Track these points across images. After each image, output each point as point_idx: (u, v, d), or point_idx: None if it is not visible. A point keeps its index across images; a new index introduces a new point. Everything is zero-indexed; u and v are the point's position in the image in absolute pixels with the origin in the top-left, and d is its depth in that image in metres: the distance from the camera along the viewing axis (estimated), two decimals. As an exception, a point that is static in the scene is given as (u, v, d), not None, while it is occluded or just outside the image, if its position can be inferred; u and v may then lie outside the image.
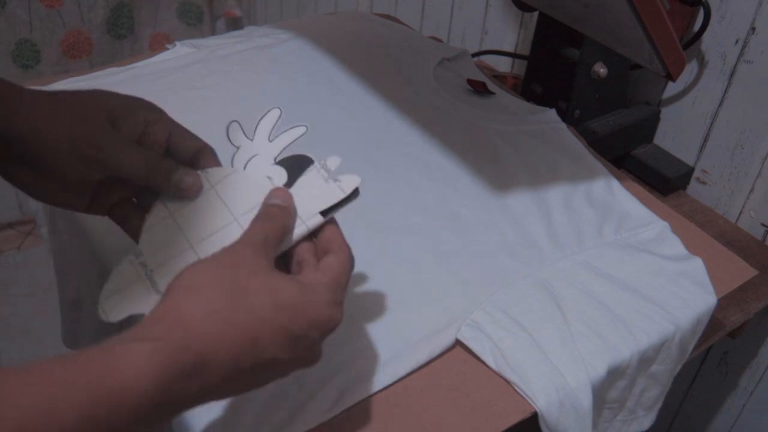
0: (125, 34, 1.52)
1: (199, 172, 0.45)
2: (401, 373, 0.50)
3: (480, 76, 0.87)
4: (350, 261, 0.41)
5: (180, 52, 0.83)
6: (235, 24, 1.68)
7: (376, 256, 0.57)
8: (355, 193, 0.43)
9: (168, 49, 0.84)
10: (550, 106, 0.80)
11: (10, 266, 1.58)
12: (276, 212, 0.41)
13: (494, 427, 0.48)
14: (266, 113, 0.47)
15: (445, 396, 0.49)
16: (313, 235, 0.42)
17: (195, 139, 0.45)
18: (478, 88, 0.83)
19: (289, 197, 0.42)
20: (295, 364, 0.38)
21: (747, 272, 0.67)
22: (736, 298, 0.65)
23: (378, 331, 0.51)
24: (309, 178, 0.44)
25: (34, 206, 0.77)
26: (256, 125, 0.47)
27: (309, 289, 0.37)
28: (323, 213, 0.42)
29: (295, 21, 0.95)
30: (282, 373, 0.38)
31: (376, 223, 0.61)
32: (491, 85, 0.85)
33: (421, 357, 0.51)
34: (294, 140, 0.46)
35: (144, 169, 0.42)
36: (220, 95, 0.75)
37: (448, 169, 0.68)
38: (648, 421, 0.60)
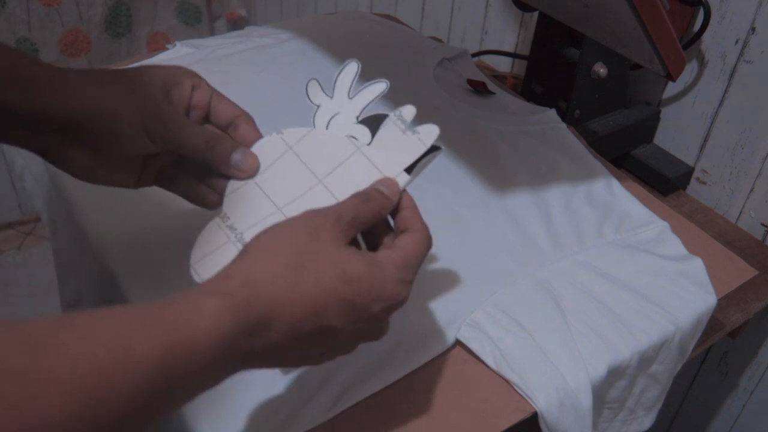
0: (123, 33, 1.52)
1: (275, 133, 0.44)
2: (401, 373, 0.50)
3: (480, 76, 0.87)
4: (426, 241, 0.41)
5: (180, 52, 0.83)
6: (236, 25, 1.68)
7: (376, 256, 0.57)
8: (436, 147, 0.42)
9: (168, 49, 0.84)
10: (550, 106, 0.80)
11: (10, 266, 1.58)
12: (377, 197, 0.41)
13: (494, 427, 0.48)
14: (343, 67, 0.46)
15: (445, 396, 0.49)
16: (391, 212, 0.42)
17: (234, 106, 0.46)
18: (478, 88, 0.83)
19: (396, 191, 0.42)
20: (359, 337, 0.39)
21: (747, 272, 0.67)
22: (736, 298, 0.65)
23: (378, 331, 0.51)
24: (387, 132, 0.43)
25: (39, 206, 0.77)
26: (335, 81, 0.46)
27: (377, 265, 0.38)
28: (408, 170, 0.42)
29: (295, 21, 0.95)
30: (345, 346, 0.39)
31: (376, 223, 0.61)
32: (491, 85, 0.85)
33: (421, 357, 0.51)
34: (375, 97, 0.44)
35: (204, 147, 0.43)
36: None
37: (448, 169, 0.68)
38: (648, 421, 0.60)
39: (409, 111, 0.43)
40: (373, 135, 0.44)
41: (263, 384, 0.47)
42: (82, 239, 0.60)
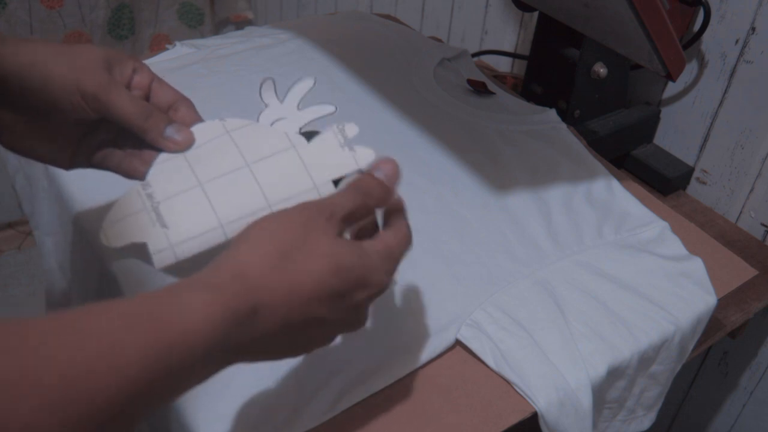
0: (126, 35, 1.52)
1: (218, 120, 0.45)
2: (401, 373, 0.50)
3: (480, 76, 0.87)
4: (408, 240, 0.41)
5: (180, 52, 0.83)
6: (239, 28, 1.68)
7: (376, 256, 0.57)
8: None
9: (168, 49, 0.84)
10: (550, 106, 0.80)
11: (10, 266, 1.58)
12: (376, 192, 0.41)
13: (494, 427, 0.48)
14: (299, 80, 0.48)
15: (445, 396, 0.49)
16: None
17: (175, 91, 0.46)
18: (478, 88, 0.83)
19: (395, 179, 0.42)
20: (342, 327, 0.39)
21: (747, 272, 0.67)
22: (736, 298, 0.65)
23: (378, 331, 0.51)
24: (325, 140, 0.44)
25: (28, 208, 0.77)
26: (288, 90, 0.48)
27: (365, 255, 0.38)
28: (335, 182, 0.42)
29: (295, 21, 0.95)
30: (329, 336, 0.39)
31: (376, 223, 0.61)
32: (491, 85, 0.85)
33: (421, 357, 0.51)
34: (321, 116, 0.47)
35: (138, 115, 0.43)
36: (219, 95, 0.75)
37: (448, 169, 0.68)
38: (648, 420, 0.60)
39: (351, 128, 0.44)
40: None
41: (263, 384, 0.47)
42: (83, 241, 0.60)
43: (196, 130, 0.45)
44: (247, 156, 0.44)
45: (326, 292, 0.36)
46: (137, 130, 0.44)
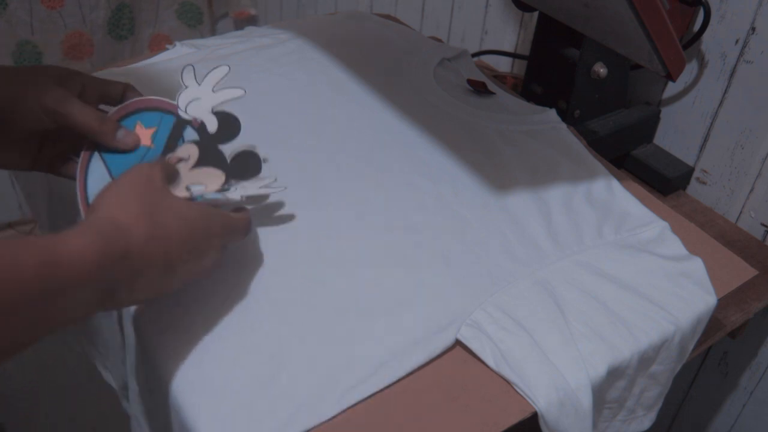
0: (126, 35, 1.52)
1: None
2: (401, 373, 0.50)
3: (480, 76, 0.87)
4: (247, 226, 0.52)
5: (180, 52, 0.83)
6: (240, 25, 1.68)
7: (376, 256, 0.57)
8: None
9: (168, 49, 0.84)
10: (550, 106, 0.80)
11: (11, 266, 1.57)
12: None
13: (494, 427, 0.48)
14: (216, 67, 0.55)
15: (445, 396, 0.49)
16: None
17: (117, 84, 0.56)
18: (478, 88, 0.83)
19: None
20: (195, 267, 0.48)
21: (747, 272, 0.67)
22: (736, 298, 0.65)
23: (378, 331, 0.51)
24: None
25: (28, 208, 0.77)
26: (205, 75, 0.55)
27: (207, 212, 0.48)
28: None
29: (295, 21, 0.95)
30: (185, 275, 0.47)
31: (376, 223, 0.61)
32: (491, 85, 0.85)
33: (421, 357, 0.51)
34: (233, 98, 0.55)
35: (95, 123, 0.52)
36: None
37: (448, 169, 0.68)
38: (648, 420, 0.60)
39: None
40: (219, 125, 0.54)
41: (263, 384, 0.47)
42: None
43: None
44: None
45: (177, 239, 0.45)
46: (93, 135, 0.52)
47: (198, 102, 0.54)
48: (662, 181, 0.80)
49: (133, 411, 0.57)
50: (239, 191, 0.52)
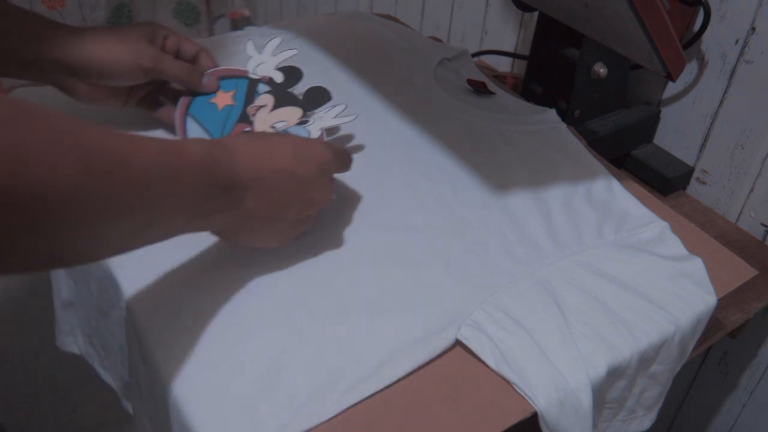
0: (125, 35, 1.52)
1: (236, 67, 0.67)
2: (401, 373, 0.50)
3: (480, 76, 0.87)
4: (348, 159, 0.57)
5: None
6: (238, 25, 1.68)
7: (376, 256, 0.57)
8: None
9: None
10: (550, 106, 0.80)
11: (11, 266, 1.57)
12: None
13: (494, 427, 0.48)
14: (272, 38, 0.67)
15: (445, 396, 0.49)
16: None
17: (195, 44, 0.66)
18: (478, 88, 0.83)
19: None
20: (304, 205, 0.52)
21: (747, 272, 0.67)
22: (736, 298, 0.65)
23: (378, 331, 0.51)
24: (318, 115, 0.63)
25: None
26: (264, 45, 0.66)
27: (310, 141, 0.54)
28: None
29: (295, 21, 0.95)
30: (287, 229, 0.53)
31: (376, 223, 0.61)
32: (491, 85, 0.85)
33: (421, 357, 0.51)
34: (290, 57, 0.66)
35: (185, 74, 0.63)
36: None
37: (448, 169, 0.68)
38: (648, 420, 0.60)
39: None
40: (285, 78, 0.65)
41: (263, 384, 0.47)
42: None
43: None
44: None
45: (284, 151, 0.50)
46: (183, 83, 0.64)
47: (264, 65, 0.65)
48: (662, 181, 0.80)
49: (134, 411, 0.57)
50: (317, 123, 0.61)
